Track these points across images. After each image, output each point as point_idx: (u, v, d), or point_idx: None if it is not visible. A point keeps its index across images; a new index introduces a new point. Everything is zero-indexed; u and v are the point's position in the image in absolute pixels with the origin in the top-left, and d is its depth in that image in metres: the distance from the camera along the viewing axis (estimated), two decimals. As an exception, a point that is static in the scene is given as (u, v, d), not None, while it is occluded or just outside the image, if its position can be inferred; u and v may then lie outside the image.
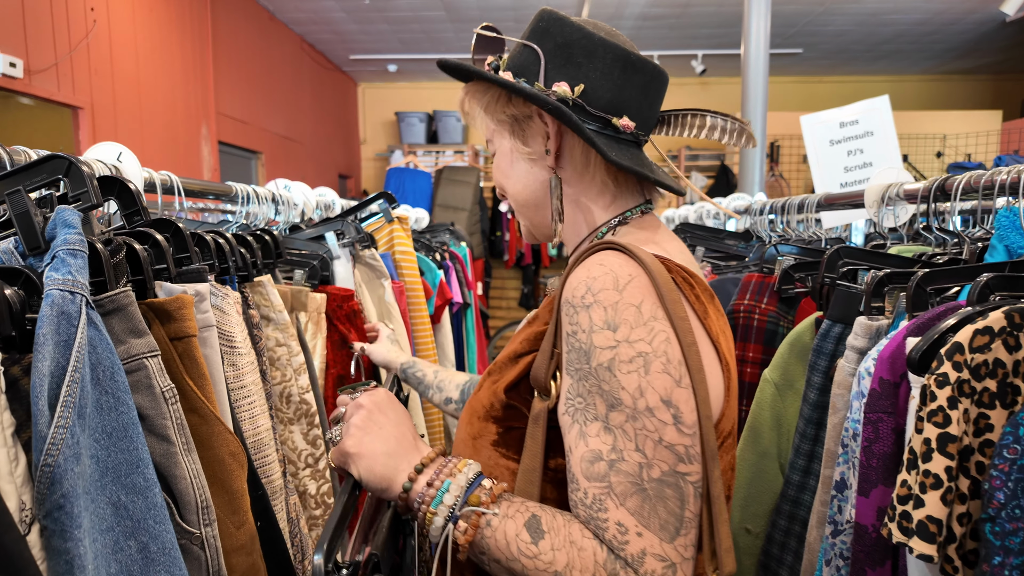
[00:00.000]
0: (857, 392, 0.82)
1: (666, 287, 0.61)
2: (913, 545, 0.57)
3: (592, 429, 0.60)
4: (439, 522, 0.62)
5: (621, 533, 0.58)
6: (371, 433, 0.68)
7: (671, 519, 0.58)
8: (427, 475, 0.65)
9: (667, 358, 0.60)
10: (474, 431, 0.71)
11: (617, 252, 0.64)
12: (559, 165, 0.74)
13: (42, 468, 0.47)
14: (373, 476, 0.66)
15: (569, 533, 0.59)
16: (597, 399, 0.60)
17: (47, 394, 0.48)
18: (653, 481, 0.58)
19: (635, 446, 0.59)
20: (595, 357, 0.60)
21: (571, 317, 0.63)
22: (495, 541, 0.60)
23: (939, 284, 0.79)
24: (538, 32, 0.72)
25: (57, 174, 0.60)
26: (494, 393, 0.70)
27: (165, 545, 0.56)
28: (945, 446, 0.56)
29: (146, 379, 0.59)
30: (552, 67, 0.70)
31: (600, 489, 0.59)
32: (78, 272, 0.53)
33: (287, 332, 1.05)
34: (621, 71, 0.70)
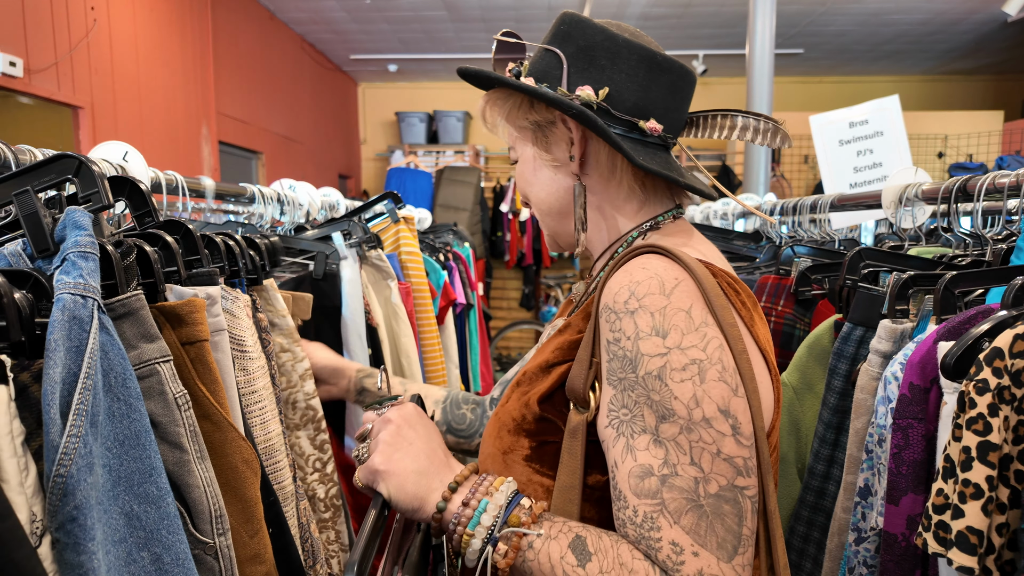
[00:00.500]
0: (883, 397, 0.80)
1: (713, 292, 0.59)
2: (952, 557, 0.55)
3: (640, 442, 0.57)
4: (477, 544, 0.58)
5: (676, 553, 0.55)
6: (401, 450, 0.65)
7: (729, 537, 0.55)
8: (462, 494, 0.61)
9: (722, 366, 0.57)
10: (504, 445, 0.67)
11: (660, 256, 0.61)
12: (584, 171, 0.71)
13: (54, 479, 0.45)
14: (404, 495, 0.63)
15: (618, 555, 0.56)
16: (645, 410, 0.57)
17: (59, 402, 0.46)
18: (710, 497, 0.55)
19: (690, 460, 0.55)
20: (643, 365, 0.57)
21: (613, 324, 0.59)
22: (538, 564, 0.57)
23: (966, 286, 0.78)
24: (560, 36, 0.70)
25: (66, 174, 0.58)
26: (526, 405, 0.65)
27: (179, 556, 0.54)
28: (986, 455, 0.54)
29: (158, 385, 0.57)
30: (575, 71, 0.68)
31: (652, 506, 0.55)
32: (90, 275, 0.51)
33: (291, 337, 1.03)
34: (647, 72, 0.67)
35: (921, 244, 1.12)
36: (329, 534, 1.07)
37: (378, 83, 7.61)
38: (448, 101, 7.31)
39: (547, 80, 0.69)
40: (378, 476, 0.64)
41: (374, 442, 0.66)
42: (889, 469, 0.71)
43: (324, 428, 1.06)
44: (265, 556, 0.68)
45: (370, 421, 0.71)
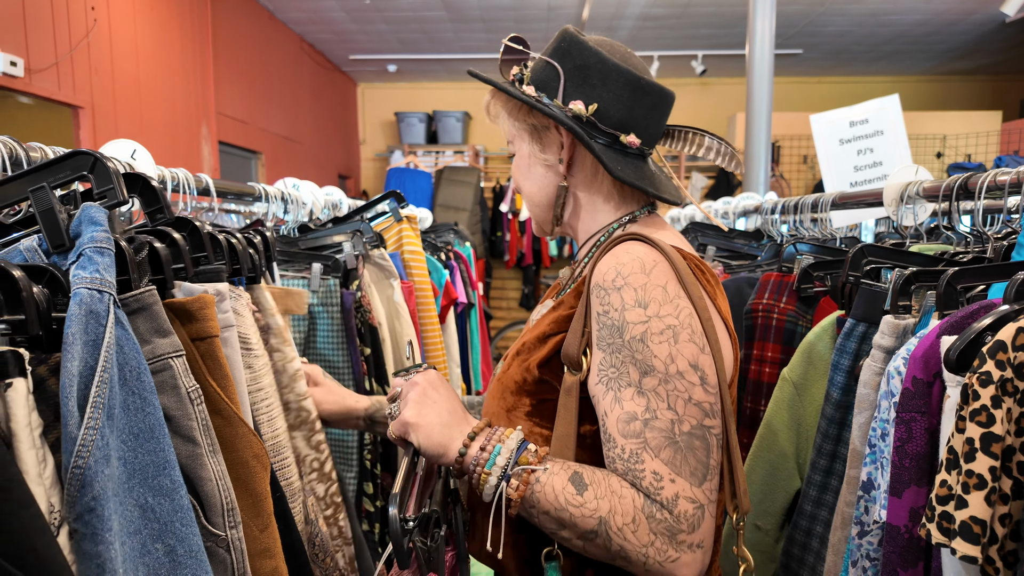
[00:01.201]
0: (886, 391, 0.81)
1: (684, 271, 0.71)
2: (956, 546, 0.56)
3: (626, 394, 0.69)
4: (493, 481, 0.69)
5: (656, 480, 0.66)
6: (427, 406, 0.76)
7: (699, 467, 0.67)
8: (479, 441, 0.72)
9: (692, 330, 0.69)
10: (508, 404, 0.79)
11: (640, 242, 0.73)
12: (570, 173, 0.83)
13: (72, 470, 0.46)
14: (431, 443, 0.74)
15: (609, 484, 0.68)
16: (630, 368, 0.69)
17: (76, 395, 0.47)
18: (684, 435, 0.67)
19: (667, 405, 0.68)
20: (628, 331, 0.69)
21: (602, 298, 0.71)
22: (544, 495, 0.68)
23: (968, 282, 0.78)
24: (559, 52, 0.80)
25: (81, 170, 0.58)
26: (527, 369, 0.78)
27: (192, 548, 0.55)
28: (989, 446, 0.55)
29: (171, 380, 0.58)
30: (570, 85, 0.78)
31: (636, 444, 0.67)
32: (106, 270, 0.52)
33: (281, 337, 1.02)
34: (631, 93, 0.78)
35: (922, 242, 1.12)
36: (332, 530, 1.07)
37: (377, 83, 7.61)
38: (447, 101, 7.31)
39: (546, 90, 0.80)
40: (408, 428, 0.75)
41: (403, 401, 0.77)
42: (892, 462, 0.72)
43: (319, 428, 1.05)
44: (275, 550, 0.69)
45: (399, 385, 0.81)
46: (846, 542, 0.89)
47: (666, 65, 6.66)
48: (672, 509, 0.66)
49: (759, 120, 3.86)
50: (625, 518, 0.66)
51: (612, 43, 0.81)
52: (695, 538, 0.66)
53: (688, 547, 0.66)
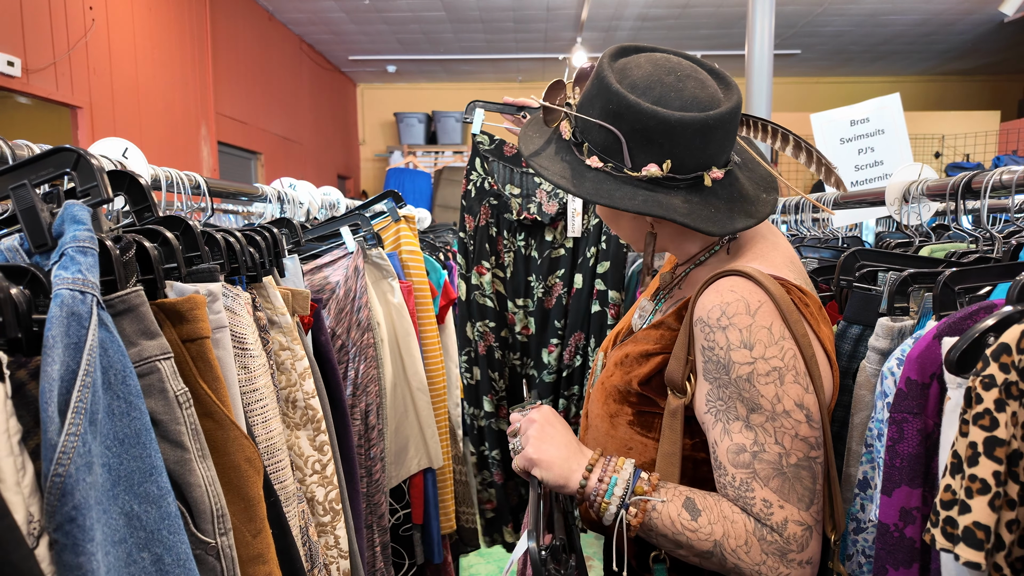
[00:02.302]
0: (880, 392, 0.81)
1: (788, 309, 0.72)
2: (959, 552, 0.55)
3: (735, 427, 0.73)
4: (613, 510, 0.75)
5: (766, 507, 0.71)
6: (546, 442, 0.81)
7: (807, 493, 0.72)
8: (597, 473, 0.77)
9: (796, 371, 0.72)
10: (611, 411, 0.85)
11: (744, 279, 0.74)
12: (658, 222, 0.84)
13: (52, 478, 0.44)
14: (553, 476, 0.79)
15: (721, 510, 0.73)
16: (737, 403, 0.73)
17: (57, 400, 0.46)
18: (791, 466, 0.72)
19: (775, 440, 0.72)
20: (734, 370, 0.72)
21: (707, 335, 0.74)
22: (661, 521, 0.74)
23: (969, 283, 0.77)
24: (611, 115, 0.76)
25: (65, 168, 0.57)
26: (628, 383, 0.82)
27: (180, 556, 0.54)
28: (993, 450, 0.54)
29: (159, 383, 0.57)
30: (635, 147, 0.76)
31: (746, 474, 0.72)
32: (88, 271, 0.50)
33: (291, 335, 1.02)
34: (701, 139, 0.75)
35: (931, 242, 1.11)
36: (328, 539, 1.05)
37: (377, 84, 7.60)
38: (447, 102, 7.30)
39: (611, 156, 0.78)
40: (532, 463, 0.81)
41: (524, 437, 0.83)
42: (884, 461, 0.72)
43: (324, 429, 1.05)
44: (268, 556, 0.67)
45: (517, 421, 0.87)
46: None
47: (665, 65, 6.66)
48: (782, 532, 0.71)
49: (758, 120, 3.84)
50: (738, 540, 0.71)
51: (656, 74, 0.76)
52: (804, 556, 0.71)
53: (798, 564, 0.72)
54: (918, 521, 0.70)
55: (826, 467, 0.74)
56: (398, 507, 1.56)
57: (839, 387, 0.94)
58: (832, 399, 0.79)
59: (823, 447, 0.73)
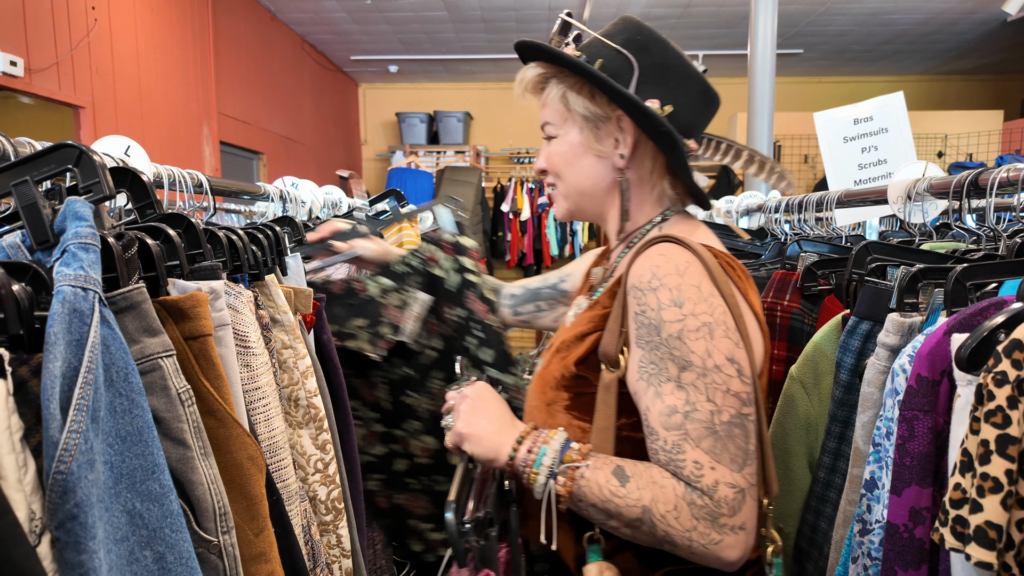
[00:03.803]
0: (891, 390, 0.80)
1: (716, 270, 0.74)
2: (970, 552, 0.54)
3: (666, 389, 0.72)
4: (542, 480, 0.74)
5: (697, 469, 0.70)
6: (477, 416, 0.80)
7: (739, 453, 0.70)
8: (526, 444, 0.76)
9: (726, 326, 0.72)
10: (548, 399, 0.83)
11: (673, 244, 0.76)
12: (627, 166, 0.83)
13: (54, 476, 0.44)
14: (482, 450, 0.79)
15: (650, 475, 0.71)
16: (669, 364, 0.72)
17: (59, 397, 0.45)
18: (723, 424, 0.70)
19: (706, 397, 0.71)
20: (665, 329, 0.72)
21: (639, 299, 0.74)
22: (589, 489, 0.72)
23: (978, 279, 0.77)
24: (635, 45, 0.79)
25: (66, 164, 0.57)
26: (565, 367, 0.81)
27: (182, 555, 0.53)
28: (1005, 448, 0.53)
29: (161, 380, 0.56)
30: (645, 82, 0.78)
31: (678, 436, 0.71)
32: (90, 267, 0.50)
33: (293, 334, 1.01)
34: (703, 101, 0.80)
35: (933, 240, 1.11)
36: (330, 538, 1.05)
37: (379, 84, 7.60)
38: (449, 102, 7.30)
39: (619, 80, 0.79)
40: (462, 438, 0.81)
41: (456, 413, 0.83)
42: (894, 460, 0.71)
43: (326, 428, 1.04)
44: (270, 555, 0.67)
45: (452, 399, 0.87)
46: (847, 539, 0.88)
47: (667, 65, 6.65)
48: (713, 495, 0.69)
49: (761, 120, 3.84)
50: (667, 506, 0.70)
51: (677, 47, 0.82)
52: (736, 520, 0.69)
53: (731, 529, 0.69)
54: (928, 521, 0.69)
55: (759, 428, 0.73)
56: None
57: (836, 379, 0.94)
58: (763, 366, 0.79)
59: (755, 406, 0.72)
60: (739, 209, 2.05)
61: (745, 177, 4.03)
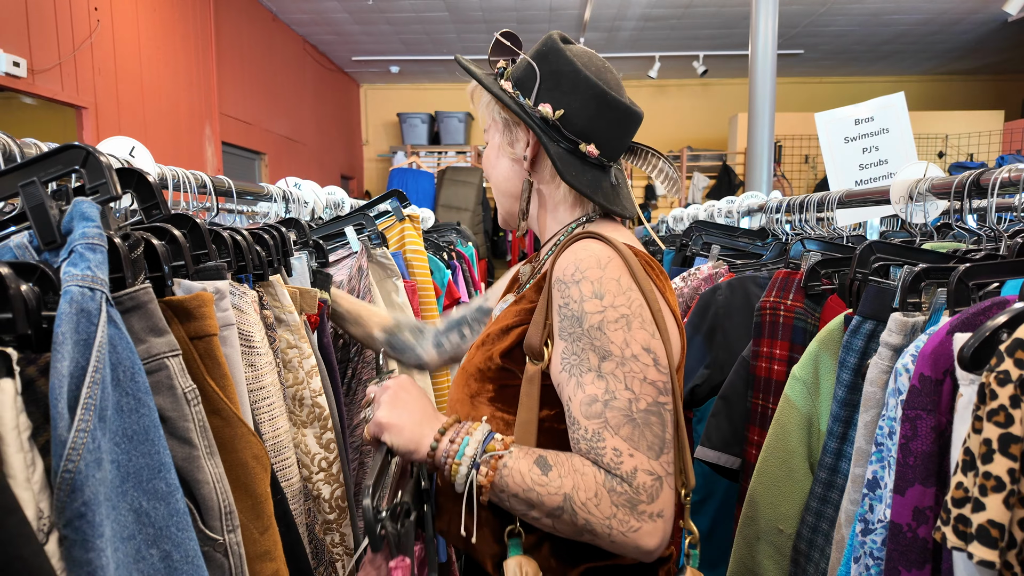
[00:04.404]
0: (894, 389, 0.80)
1: (636, 267, 0.77)
2: (973, 550, 0.54)
3: (587, 379, 0.73)
4: (463, 471, 0.73)
5: (616, 456, 0.71)
6: (398, 407, 0.80)
7: (656, 441, 0.72)
8: (449, 435, 0.76)
9: (643, 318, 0.75)
10: (471, 391, 0.84)
11: (596, 240, 0.78)
12: (534, 170, 0.88)
13: (62, 474, 0.44)
14: (402, 440, 0.78)
15: (572, 463, 0.72)
16: (590, 354, 0.74)
17: (67, 396, 0.46)
18: (640, 412, 0.72)
19: (624, 386, 0.72)
20: (587, 320, 0.74)
21: (563, 292, 0.76)
22: (511, 478, 0.72)
23: (981, 279, 0.77)
24: (540, 55, 0.85)
25: (73, 165, 0.57)
26: (490, 358, 0.83)
27: (188, 553, 0.54)
28: (1008, 447, 0.53)
29: (167, 380, 0.57)
30: (544, 88, 0.84)
31: (598, 424, 0.72)
32: (98, 267, 0.50)
33: (298, 333, 1.02)
34: (596, 106, 0.83)
35: (934, 240, 1.11)
36: (334, 536, 1.05)
37: (380, 84, 7.61)
38: (450, 102, 7.30)
39: (522, 88, 0.85)
40: (382, 428, 0.79)
41: (376, 404, 0.81)
42: (897, 460, 0.71)
43: (330, 427, 1.04)
44: (275, 553, 0.67)
45: (373, 391, 0.85)
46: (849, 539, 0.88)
47: (667, 66, 6.65)
48: (631, 482, 0.70)
49: (762, 120, 3.84)
50: (588, 493, 0.70)
51: (592, 56, 0.86)
52: (655, 508, 0.70)
53: (649, 517, 0.70)
54: (931, 521, 0.69)
55: (676, 418, 0.75)
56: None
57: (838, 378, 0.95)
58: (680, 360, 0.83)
59: (672, 396, 0.75)
60: (740, 209, 2.05)
61: (746, 178, 4.03)
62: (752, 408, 1.25)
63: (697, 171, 6.87)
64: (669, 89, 7.53)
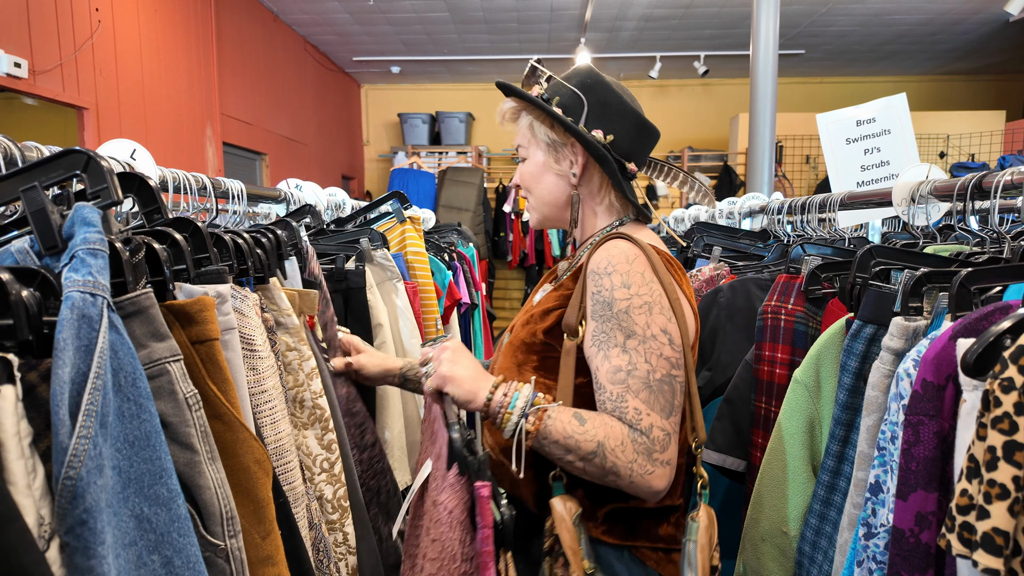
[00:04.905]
0: (895, 394, 0.79)
1: (657, 263, 0.94)
2: (977, 558, 0.54)
3: (614, 353, 0.90)
4: (514, 419, 0.89)
5: (637, 414, 0.88)
6: (458, 364, 0.93)
7: (667, 404, 0.89)
8: (502, 389, 0.91)
9: (662, 305, 0.92)
10: (518, 360, 1.01)
11: (625, 240, 0.95)
12: (580, 184, 1.04)
13: (63, 481, 0.44)
14: (462, 392, 0.92)
15: (603, 419, 0.89)
16: (617, 333, 0.90)
17: (68, 402, 0.45)
18: (656, 381, 0.89)
19: (644, 359, 0.89)
20: (616, 305, 0.91)
21: (596, 281, 0.93)
22: (554, 427, 0.88)
23: (983, 283, 0.76)
24: (585, 86, 1.00)
25: (74, 169, 0.57)
26: (534, 334, 0.99)
27: (189, 559, 0.53)
28: (1012, 454, 0.53)
29: (168, 385, 0.56)
30: (592, 116, 0.99)
31: (622, 388, 0.89)
32: (99, 273, 0.50)
33: (298, 336, 1.02)
34: (638, 132, 1.02)
35: (936, 243, 1.10)
36: (337, 536, 1.05)
37: (381, 84, 7.61)
38: (451, 102, 7.30)
39: (571, 114, 1.00)
40: (445, 380, 0.92)
41: (437, 361, 0.94)
42: (899, 465, 0.70)
43: (331, 428, 1.04)
44: (277, 558, 0.67)
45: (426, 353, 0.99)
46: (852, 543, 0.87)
47: (668, 66, 6.64)
48: (649, 435, 0.87)
49: (763, 120, 3.84)
50: (615, 441, 0.86)
51: (624, 87, 1.03)
52: (665, 456, 0.88)
53: (661, 463, 0.88)
54: (934, 526, 0.69)
55: (687, 387, 0.93)
56: (398, 513, 1.54)
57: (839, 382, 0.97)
58: (694, 339, 1.00)
59: (683, 369, 0.92)
60: (742, 211, 2.05)
61: (747, 178, 4.03)
62: (756, 411, 1.25)
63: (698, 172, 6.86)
64: (670, 89, 7.53)
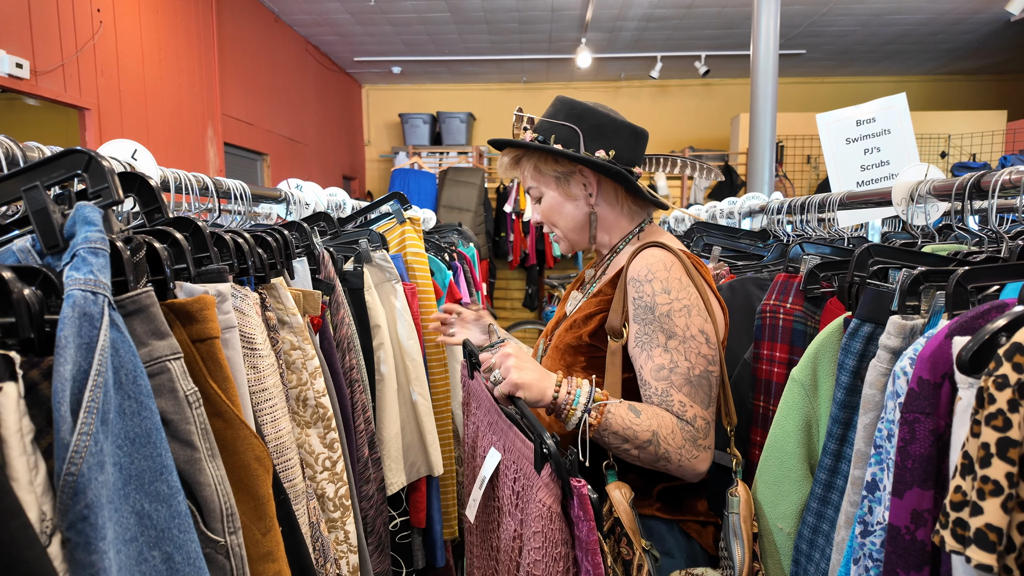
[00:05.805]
0: (892, 392, 0.80)
1: (690, 267, 1.03)
2: (971, 554, 0.54)
3: (656, 352, 1.00)
4: (578, 414, 0.98)
5: (682, 406, 0.99)
6: (524, 370, 1.00)
7: (706, 397, 1.01)
8: (565, 387, 1.00)
9: (698, 308, 1.02)
10: (567, 362, 1.11)
11: (660, 248, 1.04)
12: (596, 202, 1.14)
13: (65, 477, 0.45)
14: (532, 394, 0.99)
15: (654, 410, 0.99)
16: (659, 334, 1.01)
17: (69, 400, 0.46)
18: (696, 376, 1.00)
19: (684, 357, 1.00)
20: (657, 309, 1.01)
21: (637, 288, 1.03)
22: (614, 419, 0.97)
23: (980, 282, 0.77)
24: (575, 116, 1.10)
25: (76, 169, 0.57)
26: (579, 338, 1.09)
27: (190, 555, 0.54)
28: (1006, 451, 0.53)
29: (169, 383, 0.57)
30: (589, 139, 1.09)
31: (666, 384, 0.99)
32: (100, 271, 0.51)
33: (301, 335, 1.02)
34: (634, 140, 1.12)
35: (935, 242, 1.11)
36: (338, 534, 1.06)
37: (382, 85, 7.62)
38: (452, 102, 7.31)
39: (571, 145, 1.10)
40: (516, 387, 0.99)
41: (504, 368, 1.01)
42: (895, 463, 0.71)
43: (334, 427, 1.05)
44: (277, 554, 0.68)
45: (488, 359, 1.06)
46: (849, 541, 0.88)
47: (669, 66, 6.64)
48: (694, 424, 0.98)
49: (763, 120, 3.84)
50: (667, 430, 0.97)
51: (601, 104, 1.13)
52: (707, 442, 1.00)
53: (704, 448, 0.99)
54: (929, 524, 0.69)
55: (721, 379, 1.04)
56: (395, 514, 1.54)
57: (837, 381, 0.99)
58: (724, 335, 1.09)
59: (718, 365, 1.02)
60: (742, 210, 2.05)
61: (748, 178, 4.03)
62: (754, 410, 1.26)
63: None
64: (671, 89, 7.53)
